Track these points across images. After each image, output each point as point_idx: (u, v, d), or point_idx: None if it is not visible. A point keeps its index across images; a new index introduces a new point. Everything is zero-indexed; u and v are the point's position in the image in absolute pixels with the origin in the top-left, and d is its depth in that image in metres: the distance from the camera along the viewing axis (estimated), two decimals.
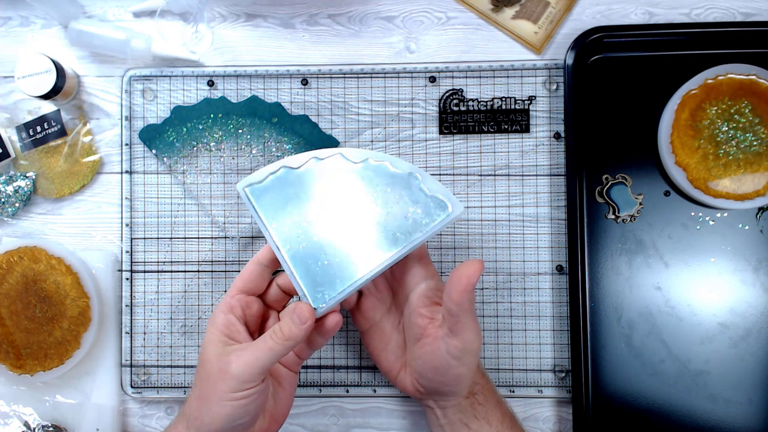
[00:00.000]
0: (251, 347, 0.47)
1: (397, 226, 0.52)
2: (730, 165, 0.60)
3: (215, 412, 0.47)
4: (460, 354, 0.50)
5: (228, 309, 0.50)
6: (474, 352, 0.51)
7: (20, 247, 0.61)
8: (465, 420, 0.53)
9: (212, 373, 0.47)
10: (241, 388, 0.46)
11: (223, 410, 0.47)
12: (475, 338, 0.50)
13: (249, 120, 0.64)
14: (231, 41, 0.66)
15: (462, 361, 0.51)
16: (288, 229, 0.52)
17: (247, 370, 0.46)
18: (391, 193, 0.53)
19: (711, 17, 0.64)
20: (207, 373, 0.48)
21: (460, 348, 0.50)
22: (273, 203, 0.53)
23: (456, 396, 0.53)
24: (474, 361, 0.52)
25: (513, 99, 0.64)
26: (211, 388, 0.47)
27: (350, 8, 0.66)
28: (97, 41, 0.64)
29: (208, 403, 0.47)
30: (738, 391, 0.61)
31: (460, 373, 0.51)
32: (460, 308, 0.49)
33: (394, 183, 0.53)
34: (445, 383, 0.52)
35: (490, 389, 0.55)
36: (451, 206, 0.52)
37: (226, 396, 0.46)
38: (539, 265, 0.63)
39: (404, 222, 0.52)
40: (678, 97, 0.61)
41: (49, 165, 0.65)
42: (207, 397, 0.47)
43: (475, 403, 0.54)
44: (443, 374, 0.52)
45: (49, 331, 0.61)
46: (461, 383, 0.52)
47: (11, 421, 0.63)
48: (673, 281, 0.62)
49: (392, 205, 0.53)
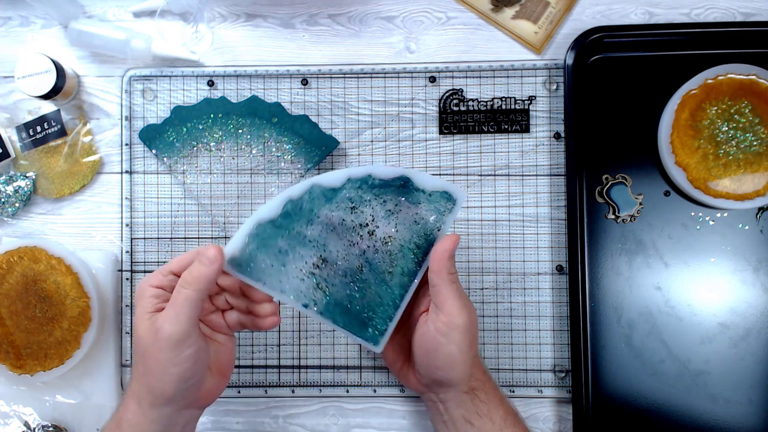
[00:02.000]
0: (170, 306, 0.47)
1: (412, 234, 0.52)
2: (730, 165, 0.60)
3: (164, 381, 0.47)
4: (447, 329, 0.51)
5: (157, 283, 0.49)
6: (461, 328, 0.51)
7: (20, 247, 0.61)
8: (467, 416, 0.53)
9: (148, 346, 0.47)
10: (180, 349, 0.47)
11: (170, 376, 0.47)
12: (459, 312, 0.51)
13: (249, 120, 0.64)
14: (231, 41, 0.66)
15: (449, 338, 0.51)
16: (302, 285, 0.51)
17: (176, 330, 0.46)
18: (390, 203, 0.52)
19: (711, 17, 0.64)
20: (144, 348, 0.48)
21: (445, 322, 0.51)
22: (268, 267, 0.50)
23: (454, 385, 0.53)
24: (463, 340, 0.51)
25: (513, 99, 0.64)
26: (153, 359, 0.47)
27: (350, 8, 0.66)
28: (97, 41, 0.64)
29: (155, 374, 0.47)
30: (738, 391, 0.61)
31: (450, 353, 0.51)
32: (438, 276, 0.51)
33: (387, 192, 0.52)
34: (438, 367, 0.52)
35: (491, 386, 0.55)
36: (455, 194, 0.52)
37: (169, 362, 0.47)
38: (539, 265, 0.63)
39: (416, 227, 0.53)
40: (678, 97, 0.61)
41: (49, 165, 0.65)
42: (151, 369, 0.48)
43: (477, 400, 0.54)
44: (434, 356, 0.52)
45: (49, 331, 0.61)
46: (454, 366, 0.52)
47: (11, 421, 0.63)
48: (673, 281, 0.62)
49: (397, 216, 0.52)
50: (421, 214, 0.53)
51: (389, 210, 0.52)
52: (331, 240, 0.51)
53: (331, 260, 0.51)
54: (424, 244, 0.53)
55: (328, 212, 0.51)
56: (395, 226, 0.52)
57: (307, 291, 0.51)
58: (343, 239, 0.52)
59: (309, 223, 0.51)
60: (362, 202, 0.52)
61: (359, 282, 0.52)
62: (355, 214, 0.52)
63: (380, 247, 0.52)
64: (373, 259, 0.52)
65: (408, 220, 0.52)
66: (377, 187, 0.52)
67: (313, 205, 0.51)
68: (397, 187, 0.52)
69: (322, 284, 0.51)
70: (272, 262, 0.50)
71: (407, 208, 0.52)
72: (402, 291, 0.53)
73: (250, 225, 0.49)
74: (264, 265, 0.49)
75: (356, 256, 0.52)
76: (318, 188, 0.51)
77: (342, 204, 0.51)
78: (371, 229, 0.52)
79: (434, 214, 0.53)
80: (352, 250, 0.52)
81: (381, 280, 0.52)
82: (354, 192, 0.52)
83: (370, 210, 0.52)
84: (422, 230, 0.53)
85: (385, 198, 0.52)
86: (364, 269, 0.52)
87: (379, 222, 0.52)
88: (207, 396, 0.52)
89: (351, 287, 0.52)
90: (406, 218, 0.52)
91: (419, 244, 0.53)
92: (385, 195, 0.52)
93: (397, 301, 0.52)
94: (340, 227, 0.52)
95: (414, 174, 0.52)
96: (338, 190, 0.51)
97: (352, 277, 0.52)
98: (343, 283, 0.52)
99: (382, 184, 0.52)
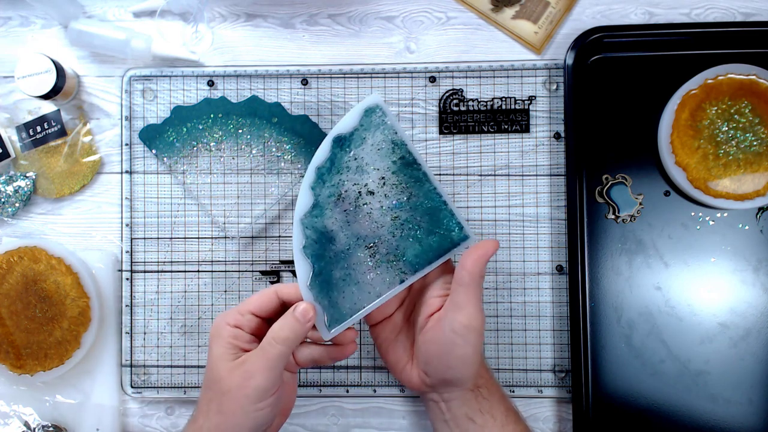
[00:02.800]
0: (260, 358, 0.48)
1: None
2: (730, 165, 0.60)
3: (241, 425, 0.48)
4: (464, 331, 0.50)
5: (234, 322, 0.51)
6: (477, 330, 0.51)
7: (20, 247, 0.61)
8: (470, 414, 0.53)
9: (231, 388, 0.48)
10: (265, 399, 0.48)
11: (250, 422, 0.48)
12: (478, 315, 0.51)
13: (249, 120, 0.64)
14: (231, 41, 0.66)
15: (466, 339, 0.50)
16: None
17: (267, 383, 0.48)
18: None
19: (711, 17, 0.64)
20: (225, 389, 0.48)
21: (465, 324, 0.50)
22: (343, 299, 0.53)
23: (461, 385, 0.53)
24: (478, 342, 0.51)
25: (513, 99, 0.64)
26: (236, 403, 0.48)
27: (350, 8, 0.66)
28: (97, 41, 0.64)
29: (232, 416, 0.48)
30: (738, 391, 0.61)
31: (465, 354, 0.51)
32: (472, 277, 0.50)
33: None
34: (450, 367, 0.52)
35: (493, 384, 0.55)
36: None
37: (252, 407, 0.48)
38: (539, 265, 0.63)
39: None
40: (678, 97, 0.61)
41: (49, 165, 0.65)
42: (230, 411, 0.48)
43: (480, 397, 0.54)
44: (447, 356, 0.51)
45: (49, 331, 0.61)
46: (466, 367, 0.52)
47: (11, 421, 0.63)
48: (673, 281, 0.62)
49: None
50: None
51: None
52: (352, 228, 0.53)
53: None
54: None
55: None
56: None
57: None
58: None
59: (334, 238, 0.53)
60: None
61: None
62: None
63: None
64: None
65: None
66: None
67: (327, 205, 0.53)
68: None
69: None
70: (344, 293, 0.53)
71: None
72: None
73: (303, 280, 0.52)
74: (341, 300, 0.52)
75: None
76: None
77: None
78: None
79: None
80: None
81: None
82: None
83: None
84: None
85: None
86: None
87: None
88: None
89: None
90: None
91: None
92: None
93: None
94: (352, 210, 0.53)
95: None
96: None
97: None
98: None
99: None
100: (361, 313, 0.52)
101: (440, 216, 0.53)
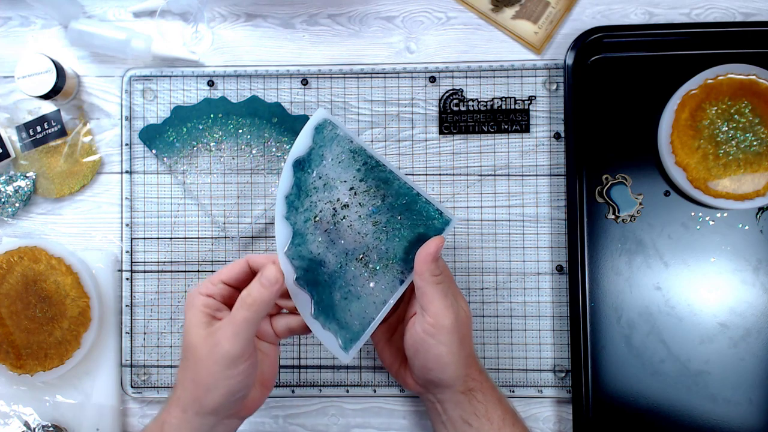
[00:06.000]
0: (227, 324, 0.48)
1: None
2: (730, 165, 0.60)
3: (214, 393, 0.48)
4: (434, 330, 0.51)
5: (207, 291, 0.51)
6: (447, 328, 0.51)
7: (20, 247, 0.61)
8: (465, 417, 0.53)
9: (203, 358, 0.48)
10: (235, 366, 0.48)
11: (221, 389, 0.48)
12: (445, 313, 0.50)
13: (249, 120, 0.64)
14: (231, 41, 0.66)
15: (437, 339, 0.51)
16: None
17: (234, 349, 0.47)
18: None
19: (711, 17, 0.64)
20: (197, 356, 0.48)
21: (431, 323, 0.50)
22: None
23: (447, 386, 0.53)
24: (451, 341, 0.51)
25: (513, 99, 0.64)
26: (206, 371, 0.48)
27: (350, 8, 0.66)
28: (97, 41, 0.64)
29: (205, 385, 0.48)
30: (738, 391, 0.61)
31: (439, 354, 0.51)
32: (422, 278, 0.50)
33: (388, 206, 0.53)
34: (429, 368, 0.52)
35: (489, 387, 0.55)
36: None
37: (223, 375, 0.48)
38: (539, 265, 0.63)
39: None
40: (678, 97, 0.61)
41: (49, 165, 0.65)
42: (201, 380, 0.48)
43: (474, 401, 0.54)
44: (424, 356, 0.52)
45: (49, 331, 0.61)
46: (444, 367, 0.52)
47: (11, 421, 0.63)
48: (673, 281, 0.62)
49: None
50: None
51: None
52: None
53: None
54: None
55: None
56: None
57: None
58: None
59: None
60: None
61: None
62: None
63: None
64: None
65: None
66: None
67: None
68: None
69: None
70: (350, 311, 0.53)
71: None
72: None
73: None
74: (349, 318, 0.52)
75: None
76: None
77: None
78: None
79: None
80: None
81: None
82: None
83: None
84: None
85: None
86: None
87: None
88: (249, 407, 0.53)
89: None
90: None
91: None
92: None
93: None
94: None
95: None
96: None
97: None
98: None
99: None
100: (373, 325, 0.52)
101: (418, 208, 0.52)
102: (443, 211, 0.53)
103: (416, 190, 0.52)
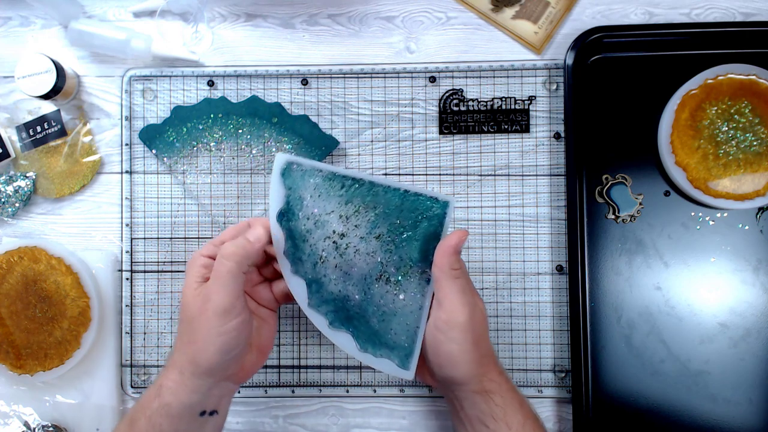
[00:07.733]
0: (214, 278, 0.49)
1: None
2: (730, 165, 0.60)
3: (208, 350, 0.48)
4: (446, 327, 0.50)
5: (208, 253, 0.51)
6: (461, 326, 0.50)
7: (20, 247, 0.61)
8: (482, 418, 0.52)
9: (195, 315, 0.49)
10: (226, 319, 0.48)
11: (214, 346, 0.48)
12: (460, 310, 0.50)
13: (249, 120, 0.64)
14: (231, 41, 0.66)
15: (449, 335, 0.50)
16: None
17: (222, 300, 0.48)
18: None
19: (711, 17, 0.64)
20: (190, 316, 0.49)
21: (444, 320, 0.50)
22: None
23: (461, 384, 0.52)
24: (463, 339, 0.50)
25: (513, 99, 0.64)
26: (199, 328, 0.48)
27: (350, 8, 0.66)
28: (97, 41, 0.64)
29: (199, 343, 0.49)
30: (738, 391, 0.61)
31: (450, 351, 0.50)
32: (440, 271, 0.50)
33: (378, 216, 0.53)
34: (441, 365, 0.51)
35: (509, 389, 0.53)
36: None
37: (215, 330, 0.48)
38: (539, 265, 0.63)
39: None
40: (678, 97, 0.61)
41: (49, 165, 0.65)
42: (196, 338, 0.49)
43: (492, 403, 0.52)
44: (436, 353, 0.51)
45: (49, 331, 0.61)
46: (456, 364, 0.51)
47: (11, 421, 0.63)
48: (673, 281, 0.62)
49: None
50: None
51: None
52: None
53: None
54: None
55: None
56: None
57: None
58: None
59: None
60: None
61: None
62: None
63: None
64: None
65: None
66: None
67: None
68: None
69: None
70: (392, 330, 0.53)
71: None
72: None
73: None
74: (395, 337, 0.53)
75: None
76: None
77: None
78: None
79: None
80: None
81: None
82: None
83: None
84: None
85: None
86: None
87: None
88: (245, 371, 0.53)
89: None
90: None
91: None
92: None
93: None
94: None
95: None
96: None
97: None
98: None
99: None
100: (419, 334, 0.52)
101: (411, 204, 0.52)
102: (437, 196, 0.52)
103: (401, 188, 0.52)
